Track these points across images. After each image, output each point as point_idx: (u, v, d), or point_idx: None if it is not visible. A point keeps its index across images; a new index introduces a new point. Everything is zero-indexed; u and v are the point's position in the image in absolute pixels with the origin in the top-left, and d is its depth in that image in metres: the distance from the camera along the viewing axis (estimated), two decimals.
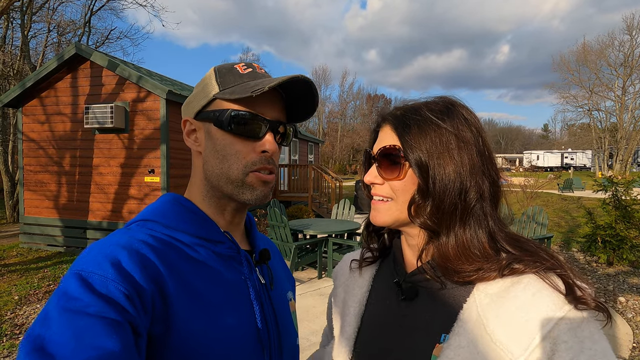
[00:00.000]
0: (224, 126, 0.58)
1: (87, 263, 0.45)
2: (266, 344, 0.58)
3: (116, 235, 0.51)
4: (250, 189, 0.59)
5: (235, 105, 0.58)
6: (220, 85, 0.59)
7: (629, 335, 3.32)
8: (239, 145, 0.58)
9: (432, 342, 0.53)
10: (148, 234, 0.53)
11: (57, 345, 0.38)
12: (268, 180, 0.60)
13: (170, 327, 0.47)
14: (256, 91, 0.54)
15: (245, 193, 0.59)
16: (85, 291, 0.42)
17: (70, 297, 0.42)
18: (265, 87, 0.54)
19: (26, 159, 6.81)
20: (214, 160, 0.59)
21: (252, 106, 0.58)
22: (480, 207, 0.54)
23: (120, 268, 0.45)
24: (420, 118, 0.56)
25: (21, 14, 11.39)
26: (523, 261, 0.50)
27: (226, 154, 0.58)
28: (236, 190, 0.59)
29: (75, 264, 0.46)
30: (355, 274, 0.72)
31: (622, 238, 5.11)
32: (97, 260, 0.46)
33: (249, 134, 0.58)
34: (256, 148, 0.59)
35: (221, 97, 0.58)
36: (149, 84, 5.90)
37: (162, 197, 0.61)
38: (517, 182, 11.65)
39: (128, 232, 0.53)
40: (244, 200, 0.60)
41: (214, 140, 0.59)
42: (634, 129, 27.88)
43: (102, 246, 0.48)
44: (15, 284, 4.74)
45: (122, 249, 0.48)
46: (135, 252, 0.48)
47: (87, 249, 0.49)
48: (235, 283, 0.58)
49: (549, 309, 0.45)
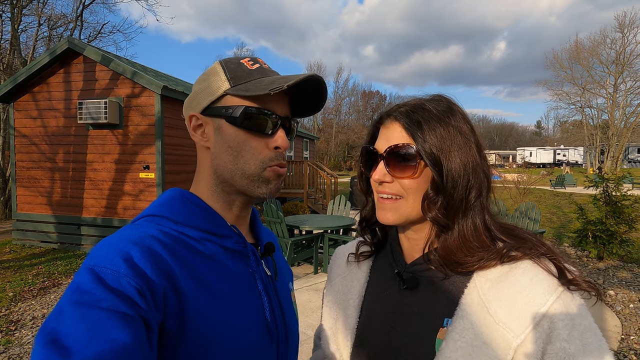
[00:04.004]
0: (238, 123, 0.58)
1: (100, 258, 0.46)
2: (274, 334, 0.60)
3: (126, 231, 0.52)
4: (266, 183, 0.60)
5: (248, 101, 0.58)
6: (231, 81, 0.59)
7: (618, 327, 3.40)
8: (253, 141, 0.59)
9: (435, 326, 0.56)
10: (158, 230, 0.53)
11: (71, 338, 0.39)
12: (281, 174, 0.62)
13: (184, 321, 0.48)
14: (275, 89, 0.54)
15: (261, 187, 0.60)
16: (97, 286, 0.43)
17: (83, 292, 0.43)
18: (284, 86, 0.54)
19: (18, 155, 6.72)
20: (227, 157, 0.59)
21: (264, 103, 0.59)
22: (479, 201, 0.57)
23: (132, 263, 0.46)
24: (428, 115, 0.57)
25: (11, 7, 11.16)
26: (520, 249, 0.54)
27: (241, 150, 0.59)
28: (251, 185, 0.60)
29: (87, 259, 0.47)
30: (353, 266, 0.74)
31: (612, 233, 5.21)
32: (109, 256, 0.46)
33: (263, 130, 0.59)
34: (269, 144, 0.60)
35: (233, 94, 0.58)
36: (143, 79, 5.85)
37: (167, 192, 0.61)
38: (510, 178, 11.77)
39: (138, 227, 0.53)
40: (258, 194, 0.61)
41: (226, 137, 0.59)
42: (625, 126, 28.27)
43: (113, 242, 0.49)
44: (9, 281, 4.70)
45: (133, 244, 0.48)
46: (146, 248, 0.49)
47: (98, 245, 0.50)
48: (243, 276, 0.59)
49: (545, 291, 0.50)
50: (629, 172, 8.05)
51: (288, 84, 0.55)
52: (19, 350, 3.06)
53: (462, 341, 0.52)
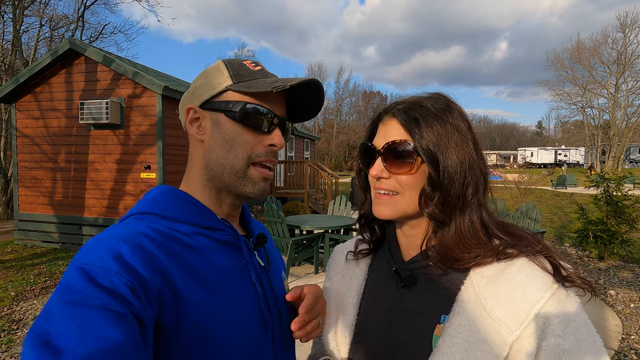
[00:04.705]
0: (237, 117, 0.59)
1: (89, 256, 0.45)
2: (269, 324, 0.60)
3: (115, 229, 0.51)
4: (252, 183, 0.61)
5: (249, 98, 0.60)
6: (233, 78, 0.60)
7: (619, 327, 3.40)
8: (248, 136, 0.60)
9: (432, 323, 0.57)
10: (148, 227, 0.53)
11: (62, 338, 0.38)
12: (267, 177, 0.63)
13: (182, 316, 0.48)
14: (278, 87, 0.56)
15: (247, 185, 0.61)
16: (87, 284, 0.42)
17: (72, 291, 0.42)
18: (287, 85, 0.56)
19: (20, 155, 6.74)
20: (220, 150, 0.60)
21: (264, 101, 0.60)
22: (476, 198, 0.58)
23: (122, 261, 0.45)
24: (426, 112, 0.58)
25: (13, 7, 11.21)
26: (516, 246, 0.55)
27: (234, 144, 0.60)
28: (238, 182, 0.60)
29: (76, 258, 0.46)
30: (352, 264, 0.75)
31: (613, 233, 5.20)
32: (99, 254, 0.46)
33: (260, 127, 0.60)
34: (264, 141, 0.61)
35: (236, 90, 0.59)
36: (144, 79, 5.87)
37: (155, 189, 0.61)
38: (511, 178, 11.75)
39: (127, 225, 0.53)
40: (245, 192, 0.61)
41: (223, 130, 0.60)
42: (626, 126, 28.20)
43: (103, 240, 0.48)
44: (11, 280, 4.72)
45: (123, 242, 0.48)
46: (137, 245, 0.48)
47: (87, 243, 0.49)
48: (237, 268, 0.60)
49: (540, 288, 0.51)
50: (630, 172, 8.05)
51: (291, 84, 0.57)
52: (21, 350, 3.07)
53: (458, 337, 0.53)
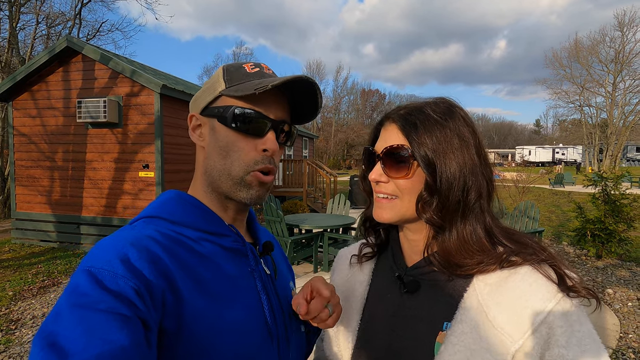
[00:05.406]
0: (228, 122, 0.59)
1: (97, 260, 0.46)
2: (274, 333, 0.60)
3: (123, 232, 0.52)
4: (247, 188, 0.60)
5: (240, 102, 0.59)
6: (227, 82, 0.60)
7: (616, 325, 3.42)
8: (241, 142, 0.59)
9: (434, 330, 0.57)
10: (155, 230, 0.53)
11: (69, 340, 0.38)
12: (266, 182, 0.61)
13: (182, 321, 0.48)
14: (259, 89, 0.55)
15: (242, 191, 0.60)
16: (95, 287, 0.43)
17: (80, 294, 0.42)
18: (268, 86, 0.55)
19: (17, 153, 6.71)
20: (216, 157, 0.60)
21: (256, 105, 0.59)
22: (479, 204, 0.57)
23: (129, 264, 0.46)
24: (425, 117, 0.58)
25: (9, 5, 11.12)
26: (520, 254, 0.54)
27: (229, 151, 0.59)
28: (234, 188, 0.60)
29: (84, 261, 0.47)
30: (355, 269, 0.74)
31: (611, 232, 5.23)
32: (106, 257, 0.46)
33: (252, 132, 0.59)
34: (257, 146, 0.60)
35: (226, 94, 0.59)
36: (142, 78, 5.84)
37: (164, 194, 0.62)
38: (509, 176, 11.79)
39: (135, 228, 0.53)
40: (239, 198, 0.61)
41: (218, 136, 0.60)
42: (624, 125, 28.32)
43: (110, 243, 0.49)
44: (8, 280, 4.70)
45: (130, 245, 0.48)
46: (144, 249, 0.49)
47: (95, 246, 0.50)
48: (242, 275, 0.59)
49: (544, 298, 0.50)
50: (627, 170, 8.07)
51: (273, 84, 0.55)
52: (19, 350, 3.07)
53: (460, 345, 0.52)
